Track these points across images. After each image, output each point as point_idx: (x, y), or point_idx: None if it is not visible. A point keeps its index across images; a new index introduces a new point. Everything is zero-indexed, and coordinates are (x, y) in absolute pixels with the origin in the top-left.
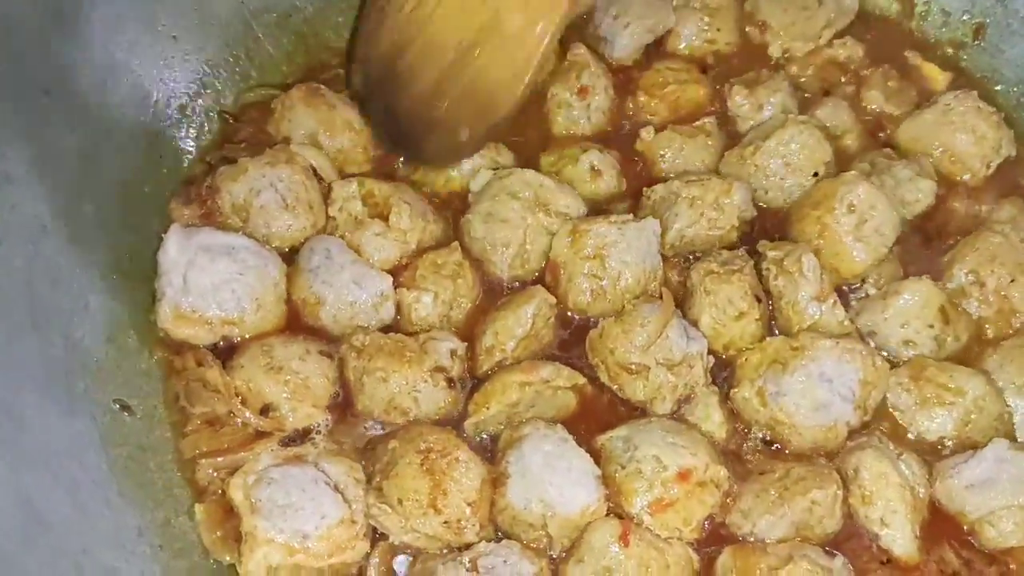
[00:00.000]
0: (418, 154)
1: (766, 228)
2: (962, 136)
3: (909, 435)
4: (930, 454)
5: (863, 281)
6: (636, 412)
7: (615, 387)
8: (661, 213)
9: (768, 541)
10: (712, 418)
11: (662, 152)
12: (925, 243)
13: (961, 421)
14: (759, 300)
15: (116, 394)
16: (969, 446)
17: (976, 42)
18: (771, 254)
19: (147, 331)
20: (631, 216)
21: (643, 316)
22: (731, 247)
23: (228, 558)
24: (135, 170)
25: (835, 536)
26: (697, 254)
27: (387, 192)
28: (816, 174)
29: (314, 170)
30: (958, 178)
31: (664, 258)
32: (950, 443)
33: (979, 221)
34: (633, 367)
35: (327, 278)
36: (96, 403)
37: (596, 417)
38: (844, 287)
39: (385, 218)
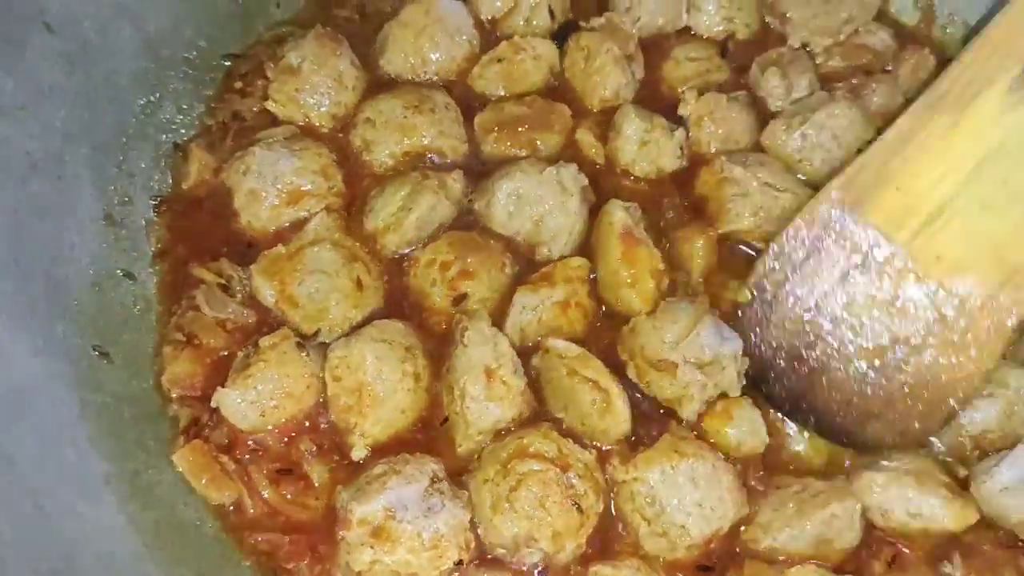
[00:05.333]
0: (855, 442)
1: None
2: None
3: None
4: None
5: None
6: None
7: (643, 384)
8: (724, 195)
9: (787, 554)
10: (759, 433)
11: (710, 112)
12: None
13: (1004, 413)
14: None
15: (96, 340)
16: (1013, 439)
17: None
18: None
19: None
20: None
21: (675, 313)
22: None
23: (228, 496)
24: (134, 116)
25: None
26: None
27: None
28: (860, 151)
29: None
30: None
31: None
32: (993, 437)
33: None
34: (661, 363)
35: None
36: (74, 346)
37: None
38: None
39: None
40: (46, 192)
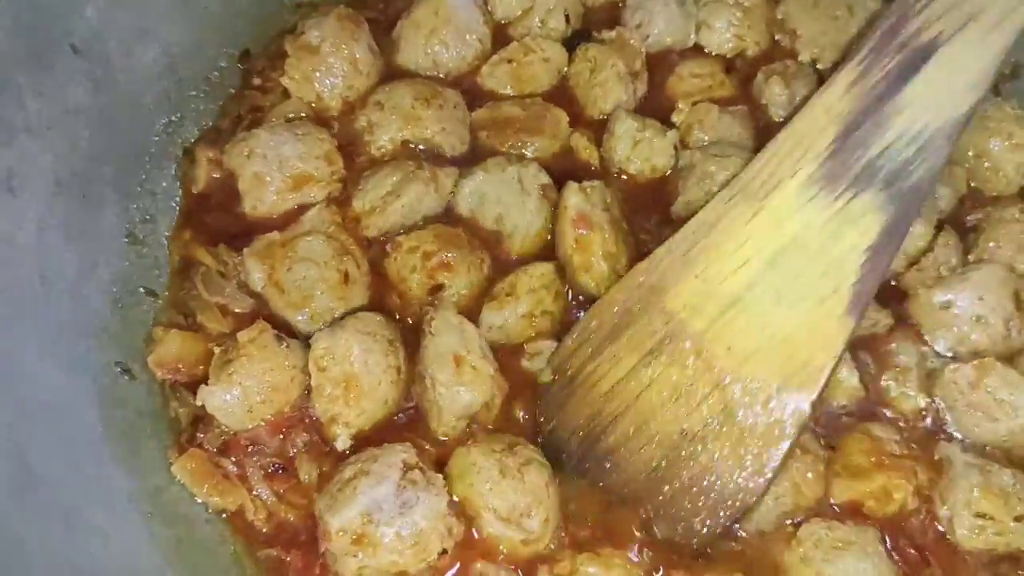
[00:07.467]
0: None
1: None
2: (996, 141)
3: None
4: None
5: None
6: None
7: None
8: (681, 178)
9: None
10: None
11: (700, 120)
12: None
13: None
14: None
15: (119, 357)
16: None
17: (1009, 83)
18: None
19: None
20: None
21: None
22: None
23: (231, 502)
24: (156, 136)
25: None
26: None
27: None
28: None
29: None
30: (992, 187)
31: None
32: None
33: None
34: None
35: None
36: (98, 364)
37: None
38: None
39: None
40: (71, 211)
